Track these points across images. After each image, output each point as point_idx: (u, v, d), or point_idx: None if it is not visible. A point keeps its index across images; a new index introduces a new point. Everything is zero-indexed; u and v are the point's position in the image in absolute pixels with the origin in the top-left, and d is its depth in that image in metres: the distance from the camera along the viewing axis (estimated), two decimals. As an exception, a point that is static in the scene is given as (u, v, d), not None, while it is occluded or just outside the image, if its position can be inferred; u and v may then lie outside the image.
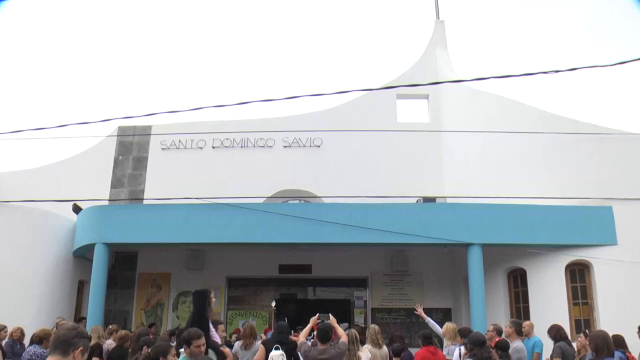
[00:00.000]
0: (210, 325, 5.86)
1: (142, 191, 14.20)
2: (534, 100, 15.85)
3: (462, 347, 7.29)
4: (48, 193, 11.42)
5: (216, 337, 5.17)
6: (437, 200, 12.62)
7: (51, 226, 11.72)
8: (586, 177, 10.47)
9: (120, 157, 14.64)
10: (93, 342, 8.13)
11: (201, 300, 5.39)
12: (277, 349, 5.94)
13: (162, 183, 13.75)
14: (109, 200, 13.56)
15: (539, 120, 11.33)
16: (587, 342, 8.01)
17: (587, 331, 8.67)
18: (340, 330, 7.11)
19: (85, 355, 2.97)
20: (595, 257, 10.13)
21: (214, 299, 5.52)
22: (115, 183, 14.38)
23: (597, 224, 10.32)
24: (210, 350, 4.85)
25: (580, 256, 10.32)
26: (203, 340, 5.01)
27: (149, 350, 5.33)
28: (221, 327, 6.51)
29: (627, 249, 9.95)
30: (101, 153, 14.56)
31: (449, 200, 12.69)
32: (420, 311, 9.25)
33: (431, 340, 7.56)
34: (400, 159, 14.30)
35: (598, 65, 5.64)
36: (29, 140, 11.18)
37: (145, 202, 13.58)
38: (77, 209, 11.79)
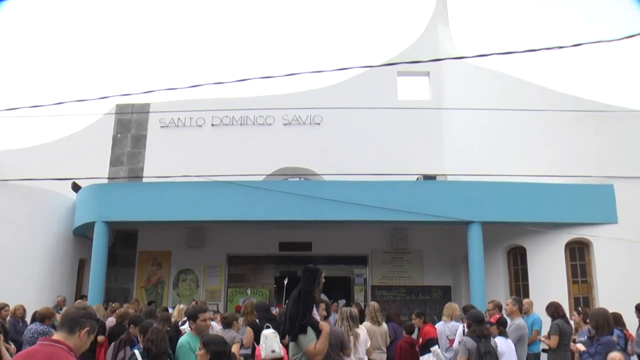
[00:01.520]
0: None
1: (142, 169, 14.15)
2: (536, 78, 15.71)
3: (465, 324, 7.34)
4: (46, 171, 11.36)
5: (316, 316, 5.19)
6: (438, 178, 12.59)
7: (50, 205, 11.70)
8: (587, 155, 10.41)
9: (118, 135, 14.55)
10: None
11: (311, 278, 5.29)
12: (267, 327, 5.96)
13: (161, 161, 13.68)
14: (108, 178, 13.51)
15: (540, 97, 11.21)
16: (582, 320, 8.10)
17: (580, 309, 8.72)
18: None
19: (92, 337, 2.96)
20: (595, 236, 10.12)
21: (323, 279, 5.46)
22: (114, 161, 14.32)
23: (598, 202, 10.29)
24: (309, 328, 4.86)
25: (581, 234, 10.31)
26: (208, 314, 5.04)
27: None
28: (322, 305, 6.61)
29: (627, 228, 9.93)
30: (99, 131, 14.47)
31: (449, 178, 12.65)
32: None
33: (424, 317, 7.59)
34: (400, 136, 14.21)
35: (604, 40, 5.47)
36: (27, 118, 11.11)
37: (144, 180, 13.53)
38: (76, 187, 11.75)
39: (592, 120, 10.39)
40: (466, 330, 7.06)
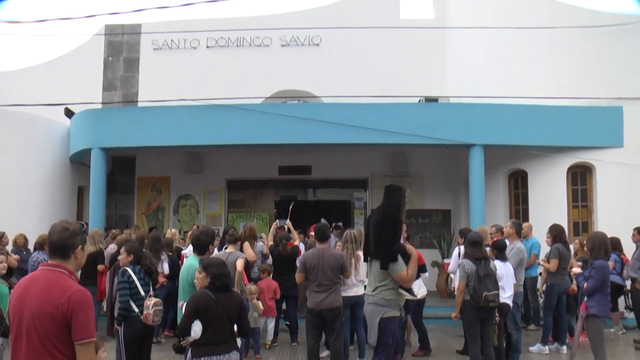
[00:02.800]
0: None
1: (136, 94, 13.82)
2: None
3: (462, 247, 7.35)
4: (35, 96, 11.02)
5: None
6: (440, 100, 12.26)
7: (43, 131, 11.47)
8: (598, 74, 10.04)
9: (110, 58, 14.07)
10: (93, 248, 8.18)
11: (396, 199, 5.00)
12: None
13: (155, 85, 13.30)
14: (102, 103, 13.21)
15: (553, 13, 10.66)
16: (581, 246, 8.14)
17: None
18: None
19: (87, 248, 2.92)
20: (598, 160, 9.97)
21: (407, 200, 5.14)
22: (107, 86, 13.94)
23: (605, 124, 10.06)
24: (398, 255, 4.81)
25: (584, 158, 10.17)
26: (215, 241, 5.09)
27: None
28: (404, 227, 6.69)
29: (633, 152, 9.78)
30: (89, 54, 13.98)
31: (452, 100, 12.33)
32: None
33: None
34: (402, 57, 13.74)
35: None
36: (7, 37, 10.61)
37: (139, 104, 13.25)
38: (69, 113, 11.48)
39: (607, 35, 9.88)
40: (462, 253, 7.09)
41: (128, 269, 5.50)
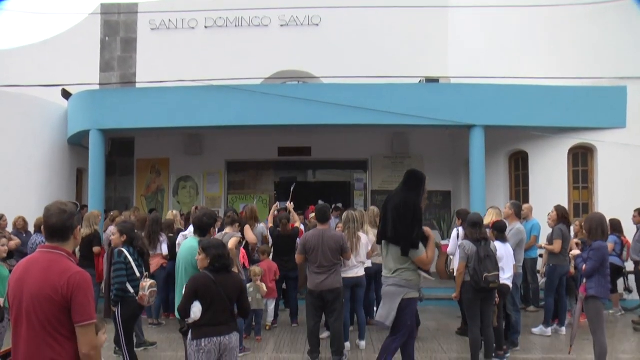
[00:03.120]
0: None
1: (134, 75, 13.67)
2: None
3: (460, 229, 7.35)
4: (31, 76, 10.88)
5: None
6: (441, 81, 12.15)
7: (41, 112, 11.35)
8: (602, 54, 9.91)
9: (106, 38, 13.90)
10: (89, 231, 8.16)
11: (417, 185, 4.97)
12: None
13: (154, 66, 13.14)
14: (100, 84, 13.09)
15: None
16: (581, 228, 8.12)
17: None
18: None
19: (80, 226, 2.92)
20: (600, 141, 9.91)
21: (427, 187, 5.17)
22: (105, 67, 13.79)
23: (608, 105, 9.97)
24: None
25: (585, 139, 10.10)
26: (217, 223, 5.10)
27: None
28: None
29: (635, 133, 9.69)
30: (85, 33, 13.77)
31: (453, 81, 12.22)
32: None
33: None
34: (403, 37, 13.53)
35: None
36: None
37: (137, 86, 13.12)
38: (66, 94, 11.37)
39: (611, 13, 9.74)
40: (461, 234, 7.09)
41: (124, 249, 5.50)
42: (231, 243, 6.19)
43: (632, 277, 9.10)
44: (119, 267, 5.41)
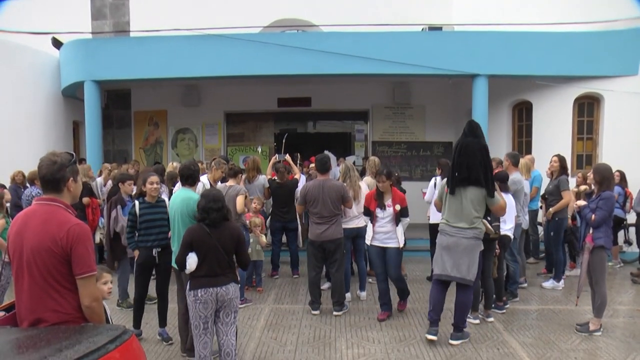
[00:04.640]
0: None
1: (127, 23, 13.25)
2: None
3: (439, 178, 7.37)
4: (17, 25, 10.45)
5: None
6: (444, 29, 11.81)
7: (31, 62, 11.00)
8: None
9: (97, -17, 13.40)
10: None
11: (482, 133, 5.24)
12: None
13: (148, 14, 12.70)
14: (92, 33, 12.69)
15: None
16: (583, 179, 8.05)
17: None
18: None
19: (79, 178, 2.83)
20: (608, 90, 9.68)
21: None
22: (96, 14, 13.34)
23: (618, 51, 9.65)
24: None
25: (593, 88, 9.87)
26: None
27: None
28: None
29: (647, 81, 9.46)
30: (73, -21, 13.26)
31: (456, 29, 11.87)
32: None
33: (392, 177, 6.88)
34: (405, -17, 13.08)
35: None
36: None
37: (131, 35, 12.72)
38: (57, 44, 11.03)
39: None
40: (438, 183, 7.11)
41: (136, 202, 5.51)
42: (240, 205, 6.38)
43: (632, 230, 9.11)
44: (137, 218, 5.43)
